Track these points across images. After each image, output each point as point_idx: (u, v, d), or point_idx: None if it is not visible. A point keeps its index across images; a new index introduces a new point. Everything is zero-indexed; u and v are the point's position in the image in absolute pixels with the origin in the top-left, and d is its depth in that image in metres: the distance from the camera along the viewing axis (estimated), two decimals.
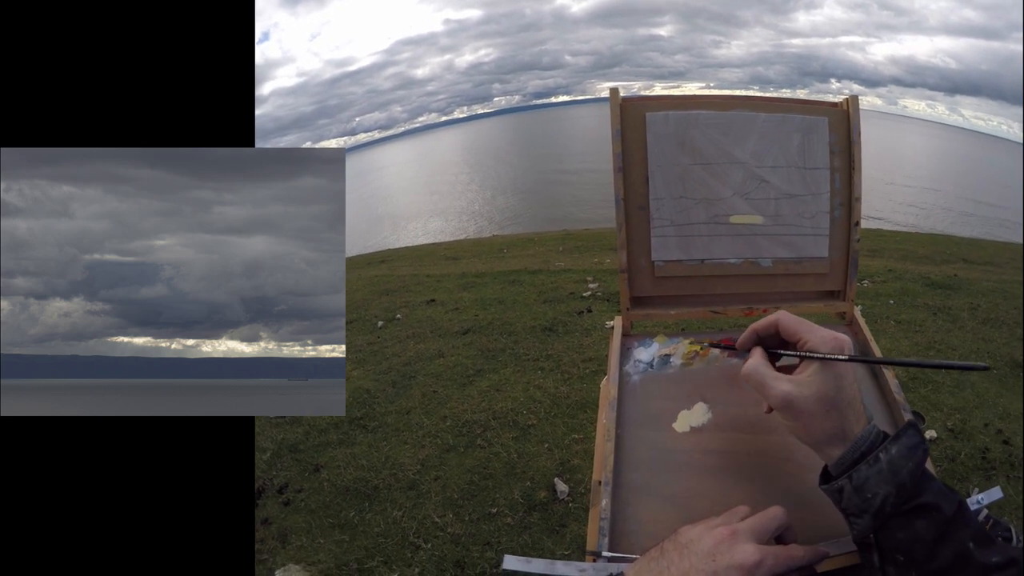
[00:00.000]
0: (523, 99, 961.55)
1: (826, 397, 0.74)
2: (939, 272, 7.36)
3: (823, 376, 0.75)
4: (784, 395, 0.76)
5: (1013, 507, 2.86)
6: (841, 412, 0.74)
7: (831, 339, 0.77)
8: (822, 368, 0.75)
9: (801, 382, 0.76)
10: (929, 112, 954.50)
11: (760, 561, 0.69)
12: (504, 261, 9.60)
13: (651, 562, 0.72)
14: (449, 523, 3.02)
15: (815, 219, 1.16)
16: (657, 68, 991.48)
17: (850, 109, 1.16)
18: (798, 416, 0.76)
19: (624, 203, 1.15)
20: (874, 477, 0.69)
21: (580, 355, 4.77)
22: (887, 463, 0.69)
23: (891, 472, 0.69)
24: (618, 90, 1.14)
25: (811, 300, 1.21)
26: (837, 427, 0.74)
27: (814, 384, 0.75)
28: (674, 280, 1.18)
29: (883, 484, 0.69)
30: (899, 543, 0.69)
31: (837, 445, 0.74)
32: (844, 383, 0.75)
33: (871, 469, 0.70)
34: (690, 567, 0.69)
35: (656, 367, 1.10)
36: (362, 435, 3.85)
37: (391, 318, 6.15)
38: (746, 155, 1.14)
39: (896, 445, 0.70)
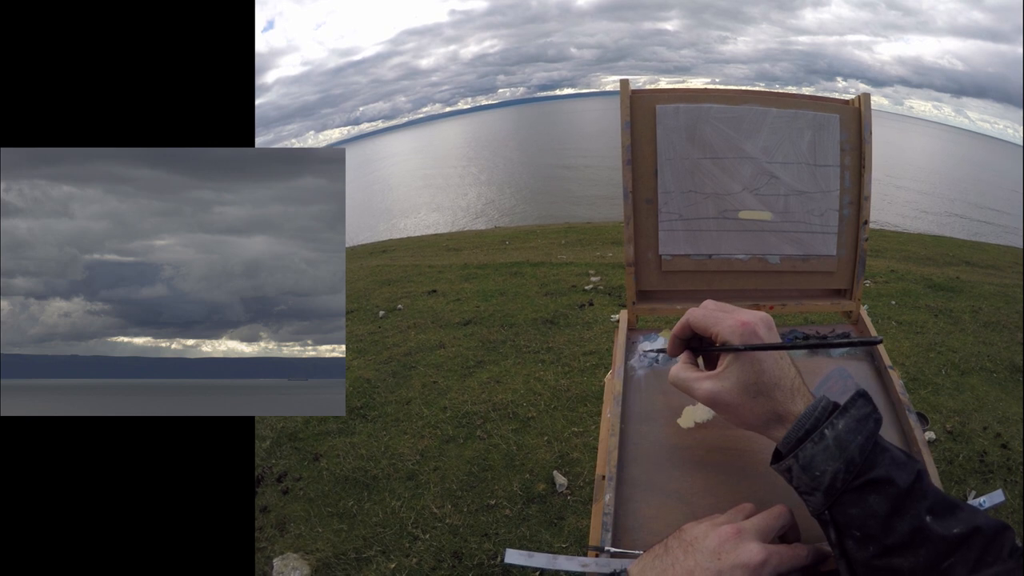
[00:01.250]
0: (528, 91, 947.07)
1: (747, 384, 0.74)
2: (941, 274, 7.36)
3: (739, 364, 0.75)
4: (708, 393, 0.77)
5: (1010, 511, 2.86)
6: (767, 395, 0.74)
7: (739, 326, 0.76)
8: (736, 356, 0.75)
9: (720, 376, 0.77)
10: (935, 113, 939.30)
11: (765, 560, 0.68)
12: (506, 253, 9.60)
13: (655, 559, 0.71)
14: (448, 514, 3.03)
15: (824, 216, 1.15)
16: (663, 63, 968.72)
17: (862, 107, 1.15)
18: (727, 409, 0.77)
19: (632, 196, 1.14)
20: (820, 454, 0.68)
21: (581, 348, 4.77)
22: (833, 439, 0.68)
23: (838, 448, 0.68)
24: (628, 81, 1.13)
25: (818, 298, 1.21)
26: (768, 410, 0.74)
27: (732, 375, 0.75)
28: (681, 275, 1.17)
29: (831, 461, 0.68)
30: (852, 519, 0.67)
31: (777, 427, 0.74)
32: (764, 366, 0.74)
33: (816, 446, 0.69)
34: (695, 565, 0.68)
35: (662, 362, 1.10)
36: (362, 425, 3.86)
37: (392, 308, 6.15)
38: (756, 150, 1.13)
39: (843, 419, 0.69)
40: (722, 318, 0.79)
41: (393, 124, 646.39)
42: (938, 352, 4.62)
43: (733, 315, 0.79)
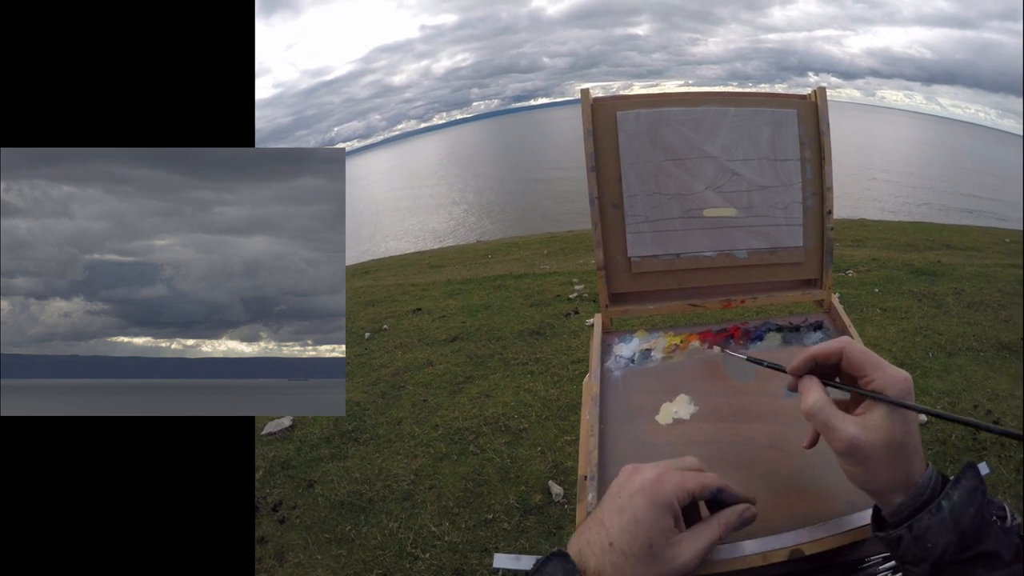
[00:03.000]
0: (502, 103, 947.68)
1: (895, 443, 0.68)
2: (922, 259, 7.42)
3: (892, 420, 0.68)
4: (851, 439, 0.69)
5: (1006, 485, 2.88)
6: (908, 458, 0.68)
7: (901, 380, 0.70)
8: (892, 411, 0.68)
9: (868, 426, 0.69)
10: (907, 102, 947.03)
11: (659, 477, 0.68)
12: (489, 267, 9.59)
13: (581, 535, 0.70)
14: (446, 531, 3.01)
15: (788, 209, 1.18)
16: (635, 67, 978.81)
17: (818, 100, 1.17)
18: (863, 461, 0.69)
19: (599, 201, 1.16)
20: (936, 527, 0.65)
21: (568, 357, 4.77)
22: (949, 511, 0.65)
23: (953, 521, 0.64)
24: (588, 91, 1.15)
25: (787, 289, 1.23)
26: (902, 475, 0.68)
27: (883, 428, 0.68)
28: (651, 275, 1.19)
29: (944, 533, 0.64)
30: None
31: (899, 493, 0.69)
32: (911, 427, 0.69)
33: (933, 518, 0.65)
34: (601, 512, 0.69)
35: (637, 361, 1.11)
36: (354, 448, 3.83)
37: (378, 329, 6.13)
38: (717, 149, 1.16)
39: (957, 491, 0.66)
40: (882, 364, 0.72)
41: (368, 143, 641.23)
42: (924, 336, 4.66)
43: (893, 368, 0.72)
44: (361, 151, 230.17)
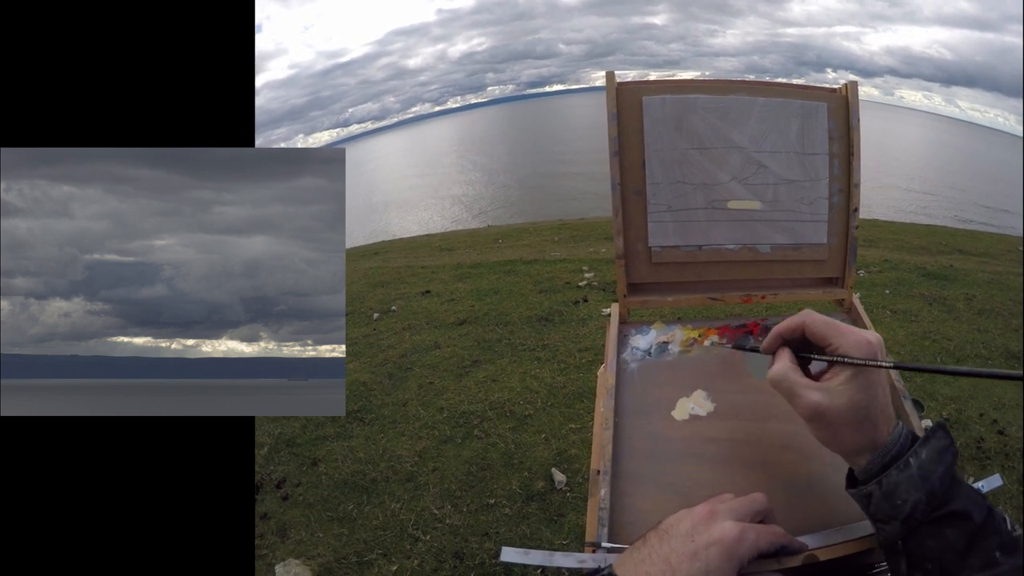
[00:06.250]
0: (517, 88, 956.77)
1: (859, 407, 0.69)
2: (935, 263, 7.37)
3: (855, 384, 0.70)
4: (814, 405, 0.71)
5: (1008, 496, 2.86)
6: (873, 422, 0.70)
7: (864, 343, 0.71)
8: (854, 375, 0.70)
9: (832, 391, 0.71)
10: (926, 103, 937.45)
11: (740, 536, 0.67)
12: (499, 251, 9.57)
13: (634, 552, 0.70)
14: (447, 514, 3.02)
15: (814, 205, 1.15)
16: (652, 57, 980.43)
17: (849, 95, 1.14)
18: (827, 427, 0.71)
19: (621, 188, 1.13)
20: (904, 483, 0.66)
21: (576, 344, 4.76)
22: (917, 468, 0.66)
23: (921, 478, 0.66)
24: (614, 73, 1.13)
25: (809, 287, 1.20)
26: (867, 437, 0.70)
27: (846, 393, 0.70)
28: (671, 266, 1.17)
29: (913, 490, 0.66)
30: (928, 551, 0.66)
31: (866, 454, 0.71)
32: (878, 391, 0.70)
33: (901, 475, 0.66)
34: (670, 551, 0.67)
35: (654, 354, 1.09)
36: (359, 428, 3.84)
37: (386, 310, 6.13)
38: (744, 140, 1.13)
39: (926, 448, 0.67)
40: (845, 329, 0.73)
41: (382, 125, 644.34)
42: (933, 340, 4.63)
43: (856, 332, 0.73)
44: (375, 133, 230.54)
